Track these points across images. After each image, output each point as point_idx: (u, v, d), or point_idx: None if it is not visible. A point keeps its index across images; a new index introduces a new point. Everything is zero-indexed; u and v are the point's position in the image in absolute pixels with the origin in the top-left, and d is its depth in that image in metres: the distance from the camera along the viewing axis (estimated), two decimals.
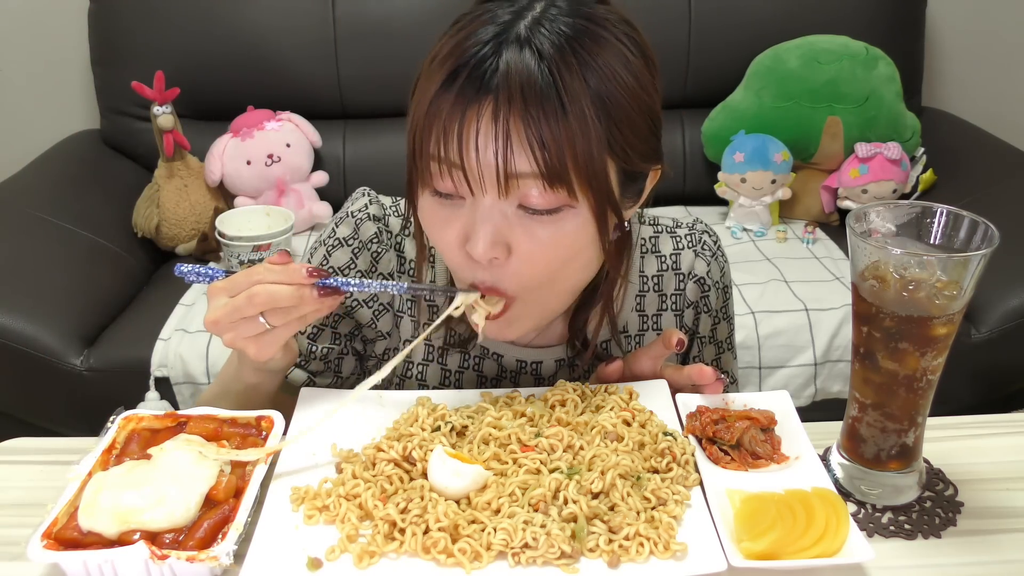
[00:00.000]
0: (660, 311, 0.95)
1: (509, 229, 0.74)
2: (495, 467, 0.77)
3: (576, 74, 0.71)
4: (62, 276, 1.98)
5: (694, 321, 0.97)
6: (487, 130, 0.71)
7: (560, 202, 0.73)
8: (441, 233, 0.77)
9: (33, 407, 1.95)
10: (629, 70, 0.74)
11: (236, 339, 0.77)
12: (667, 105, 2.83)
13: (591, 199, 0.73)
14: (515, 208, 0.74)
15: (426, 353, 0.95)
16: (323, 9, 2.40)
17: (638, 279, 0.94)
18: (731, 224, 2.36)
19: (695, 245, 0.96)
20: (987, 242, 0.73)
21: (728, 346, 1.03)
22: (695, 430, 0.82)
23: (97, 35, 2.42)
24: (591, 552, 0.70)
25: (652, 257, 0.95)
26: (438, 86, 0.72)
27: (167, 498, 0.71)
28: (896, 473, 0.81)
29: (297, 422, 0.84)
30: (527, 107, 0.70)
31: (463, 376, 0.96)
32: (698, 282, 0.96)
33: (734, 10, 2.44)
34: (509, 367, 0.95)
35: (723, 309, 1.01)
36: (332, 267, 0.92)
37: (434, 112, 0.73)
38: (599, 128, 0.72)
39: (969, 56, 2.71)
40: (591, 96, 0.71)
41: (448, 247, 0.77)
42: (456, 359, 0.95)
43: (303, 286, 0.75)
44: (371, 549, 0.70)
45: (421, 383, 0.96)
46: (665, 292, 0.95)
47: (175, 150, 2.26)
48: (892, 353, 0.76)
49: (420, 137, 0.74)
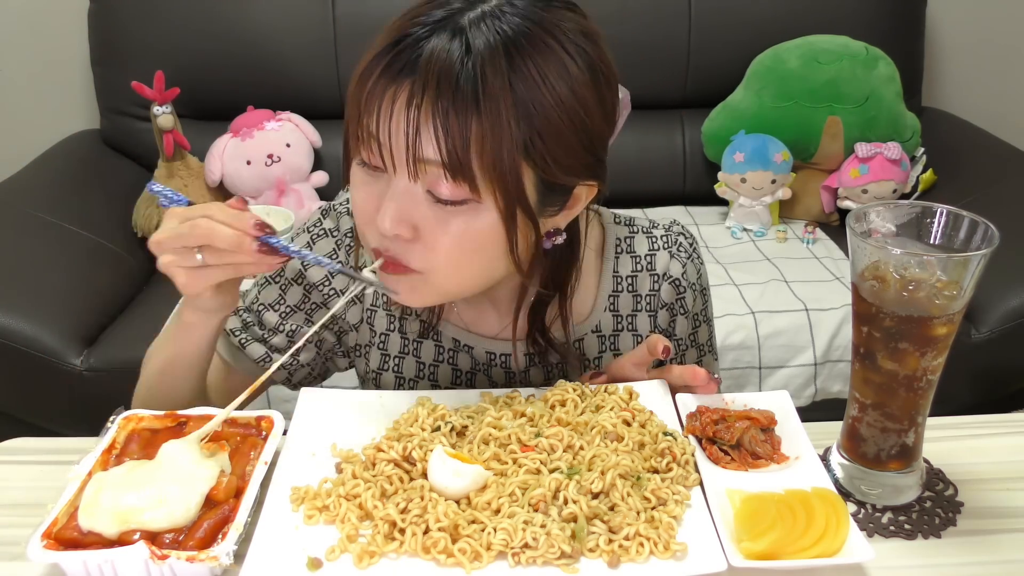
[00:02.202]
0: (635, 312, 0.95)
1: (417, 211, 0.74)
2: (495, 467, 0.77)
3: (501, 75, 0.70)
4: (62, 276, 1.98)
5: (669, 323, 0.97)
6: (400, 112, 0.71)
7: (464, 195, 0.73)
8: (361, 199, 0.78)
9: (33, 407, 1.95)
10: (566, 82, 0.73)
11: (170, 265, 0.77)
12: (667, 105, 2.85)
13: (498, 199, 0.73)
14: (425, 193, 0.74)
15: (402, 346, 0.96)
16: (323, 9, 2.40)
17: (611, 279, 0.94)
18: (731, 224, 2.36)
19: (671, 246, 0.95)
20: (987, 242, 0.73)
21: (709, 348, 1.03)
22: (695, 430, 0.82)
23: (97, 35, 2.42)
24: (591, 552, 0.70)
25: (627, 257, 0.94)
26: (372, 57, 0.74)
27: (167, 498, 0.71)
28: (896, 473, 0.81)
29: (297, 422, 0.84)
30: (439, 96, 0.69)
31: (438, 369, 0.95)
32: (673, 283, 0.95)
33: (734, 10, 2.44)
34: (480, 359, 0.95)
35: (703, 312, 1.00)
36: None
37: (362, 84, 0.74)
38: (515, 132, 0.71)
39: (969, 56, 2.71)
40: (513, 99, 0.70)
41: (363, 214, 0.78)
42: (431, 351, 0.95)
43: (245, 235, 0.74)
44: (371, 549, 0.70)
45: (398, 375, 0.96)
46: (640, 292, 0.94)
47: (175, 150, 2.26)
48: (892, 353, 0.76)
49: (351, 103, 0.75)
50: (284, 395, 1.86)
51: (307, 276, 0.95)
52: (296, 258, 0.79)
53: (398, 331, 0.95)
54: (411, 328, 0.95)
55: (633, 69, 2.40)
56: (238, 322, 0.97)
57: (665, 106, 2.52)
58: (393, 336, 0.96)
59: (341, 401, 0.87)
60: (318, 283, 0.95)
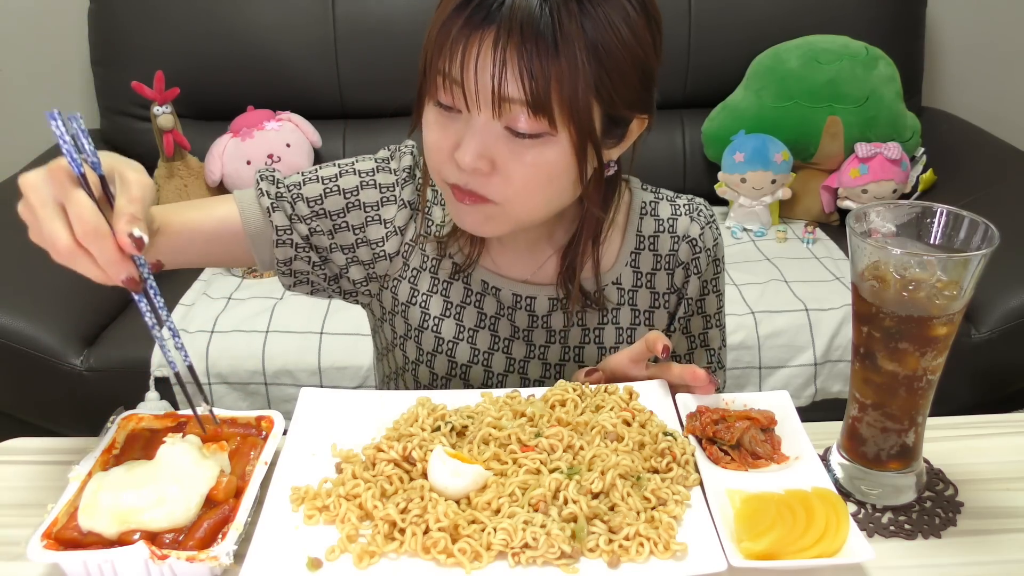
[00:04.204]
0: (654, 270, 1.01)
1: (495, 146, 0.82)
2: (495, 467, 0.77)
3: (575, 19, 0.78)
4: (62, 276, 1.95)
5: (684, 282, 1.03)
6: (486, 55, 0.78)
7: (542, 129, 0.80)
8: (437, 138, 0.85)
9: (33, 407, 1.95)
10: (628, 24, 0.81)
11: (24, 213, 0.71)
12: (667, 105, 2.85)
13: (572, 132, 0.81)
14: (503, 129, 0.81)
15: (431, 284, 1.00)
16: (323, 9, 2.40)
17: (635, 237, 1.01)
18: (731, 224, 2.36)
19: (692, 212, 1.03)
20: (987, 242, 0.73)
21: (717, 322, 1.07)
22: (695, 430, 0.82)
23: (97, 35, 2.42)
24: (591, 552, 0.70)
25: (650, 219, 1.02)
26: (451, 11, 0.80)
27: (167, 498, 0.71)
28: (896, 473, 0.81)
29: (297, 422, 0.84)
30: (523, 41, 0.77)
31: (464, 311, 1.00)
32: (690, 243, 1.01)
33: (734, 10, 2.44)
34: (506, 302, 1.00)
35: (713, 281, 1.05)
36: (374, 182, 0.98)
37: (444, 33, 0.80)
38: (588, 71, 0.79)
39: (969, 56, 2.71)
40: (585, 41, 0.78)
41: (439, 151, 0.85)
42: (460, 292, 1.00)
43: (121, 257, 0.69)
44: (371, 549, 0.70)
45: (424, 311, 1.00)
46: (660, 252, 1.01)
47: (175, 150, 2.27)
48: (892, 353, 0.76)
49: (431, 53, 0.82)
50: (284, 395, 1.86)
51: (360, 195, 0.98)
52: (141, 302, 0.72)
53: (430, 271, 1.00)
54: (444, 268, 1.00)
55: None
56: (273, 190, 0.96)
57: (665, 106, 2.51)
58: (424, 275, 1.00)
59: (341, 401, 0.87)
60: (368, 204, 0.98)
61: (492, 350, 1.00)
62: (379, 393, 0.89)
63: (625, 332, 1.01)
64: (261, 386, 1.87)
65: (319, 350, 1.87)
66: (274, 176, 0.97)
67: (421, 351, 1.01)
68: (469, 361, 1.00)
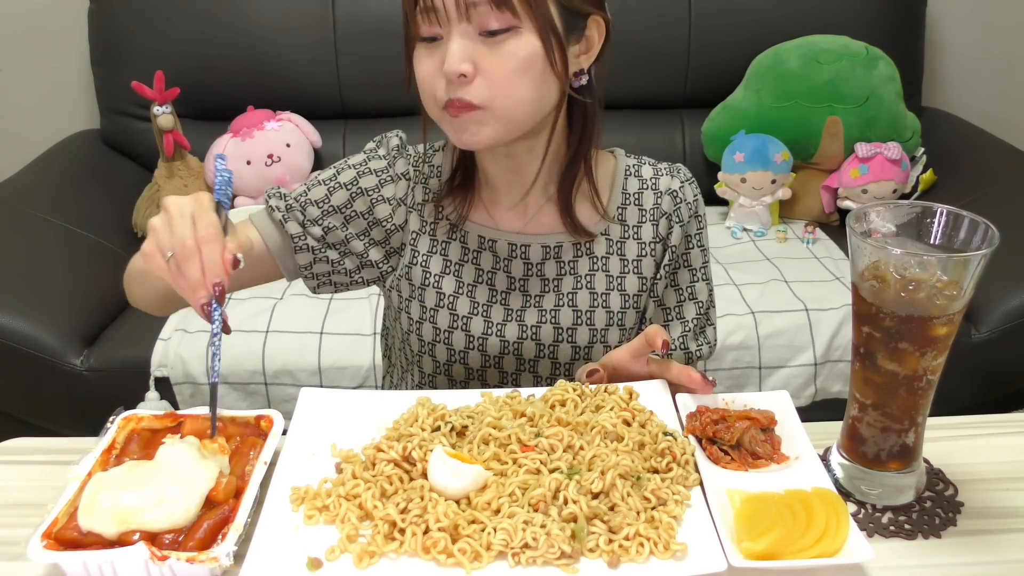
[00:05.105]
0: (640, 223, 1.08)
1: (475, 50, 0.90)
2: (495, 467, 0.77)
3: None
4: (62, 276, 1.98)
5: (668, 231, 1.08)
6: None
7: (509, 23, 0.89)
8: (427, 66, 0.93)
9: (33, 407, 1.95)
10: None
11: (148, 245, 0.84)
12: (667, 105, 2.85)
13: (533, 20, 0.90)
14: (477, 34, 0.90)
15: (431, 246, 1.07)
16: (323, 9, 2.40)
17: (621, 195, 1.08)
18: (731, 224, 2.36)
19: (672, 172, 1.11)
20: (987, 242, 0.73)
21: (703, 276, 1.11)
22: (695, 430, 0.82)
23: (97, 35, 2.42)
24: (591, 552, 0.70)
25: (634, 179, 1.09)
26: None
27: (167, 498, 0.71)
28: (896, 473, 0.81)
29: (297, 422, 0.84)
30: None
31: (463, 268, 1.07)
32: (672, 195, 1.08)
33: (734, 10, 2.44)
34: (502, 253, 1.06)
35: (697, 235, 1.10)
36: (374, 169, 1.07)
37: None
38: None
39: (969, 56, 2.71)
40: None
41: (430, 75, 0.93)
42: (457, 251, 1.07)
43: (202, 289, 0.81)
44: (371, 549, 0.70)
45: (425, 270, 1.07)
46: (644, 207, 1.08)
47: (175, 150, 2.27)
48: (892, 353, 0.76)
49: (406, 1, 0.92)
50: (284, 395, 1.86)
51: (360, 183, 1.05)
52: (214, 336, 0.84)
53: (428, 233, 1.07)
54: (440, 229, 1.07)
55: (633, 69, 2.44)
56: (282, 204, 1.04)
57: (665, 106, 2.53)
58: (423, 238, 1.07)
59: (341, 401, 0.87)
60: (369, 189, 1.05)
61: (491, 302, 1.06)
62: (379, 393, 0.89)
63: (615, 280, 1.06)
64: (261, 386, 1.87)
65: (319, 350, 1.87)
66: (280, 192, 1.05)
67: (437, 330, 1.06)
68: (470, 312, 1.05)
